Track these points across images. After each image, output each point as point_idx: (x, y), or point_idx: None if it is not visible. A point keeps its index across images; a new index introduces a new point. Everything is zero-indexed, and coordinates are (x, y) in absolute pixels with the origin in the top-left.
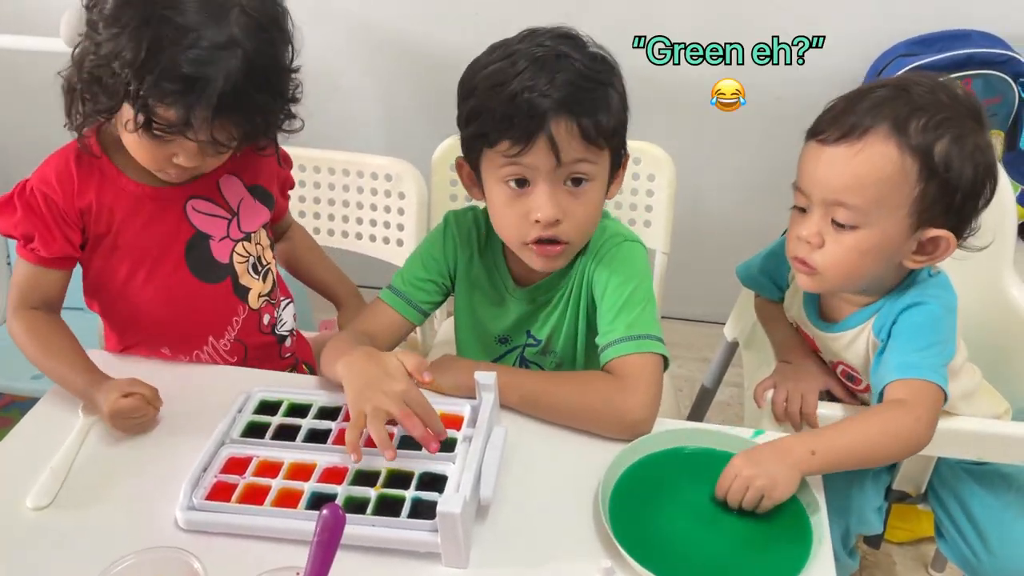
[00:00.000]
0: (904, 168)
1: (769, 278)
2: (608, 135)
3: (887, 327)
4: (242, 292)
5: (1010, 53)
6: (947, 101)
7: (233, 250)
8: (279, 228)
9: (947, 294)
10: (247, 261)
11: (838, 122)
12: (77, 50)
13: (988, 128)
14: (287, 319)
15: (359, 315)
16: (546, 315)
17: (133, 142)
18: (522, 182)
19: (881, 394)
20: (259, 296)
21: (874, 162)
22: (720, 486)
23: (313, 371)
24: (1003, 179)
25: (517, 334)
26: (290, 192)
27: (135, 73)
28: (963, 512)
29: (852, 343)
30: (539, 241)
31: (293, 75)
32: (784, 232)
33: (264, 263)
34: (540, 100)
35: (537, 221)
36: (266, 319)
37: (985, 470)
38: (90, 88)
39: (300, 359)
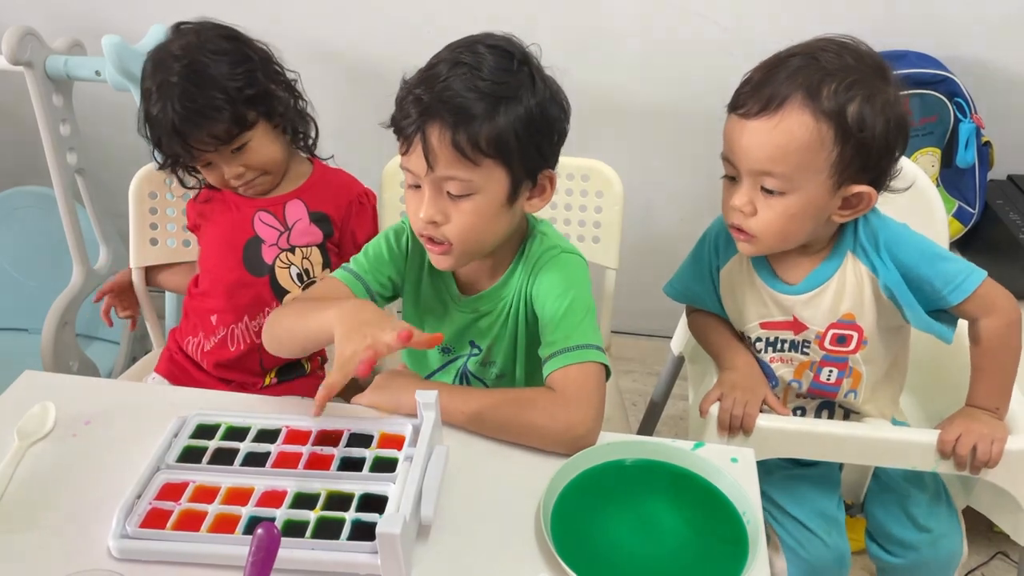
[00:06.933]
0: (820, 134)
1: (702, 283)
2: (489, 150)
3: (878, 251)
4: (279, 292)
5: (945, 73)
6: (853, 62)
7: (277, 256)
8: None
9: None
10: (288, 268)
11: (755, 95)
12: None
13: (894, 82)
14: None
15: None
16: (488, 325)
17: (203, 172)
18: (415, 185)
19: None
20: None
21: (792, 132)
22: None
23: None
24: (936, 196)
25: (460, 344)
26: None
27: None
28: (902, 510)
29: (841, 290)
30: (426, 237)
31: (246, 71)
32: (697, 243)
33: (311, 276)
34: (421, 103)
35: (420, 217)
36: None
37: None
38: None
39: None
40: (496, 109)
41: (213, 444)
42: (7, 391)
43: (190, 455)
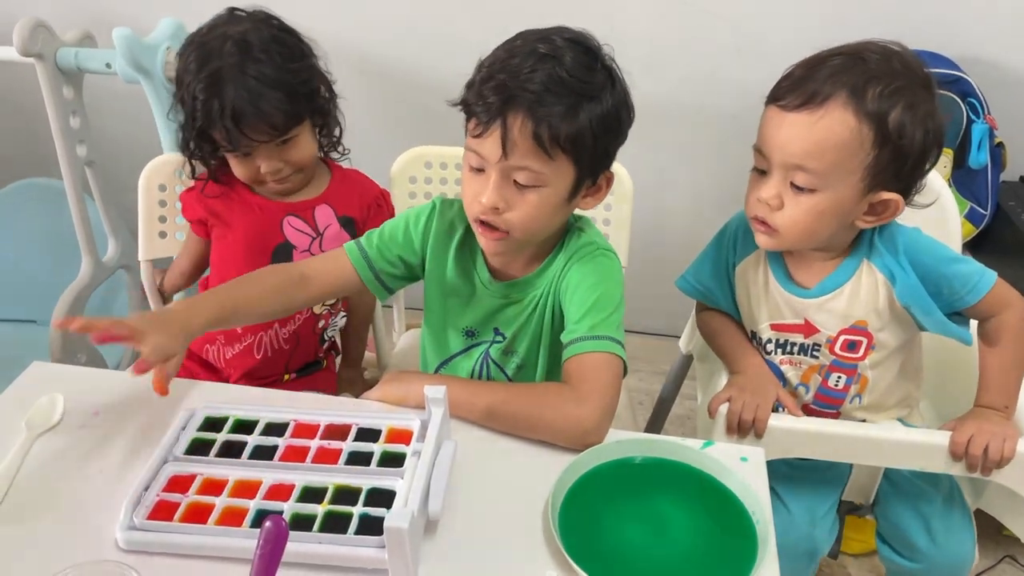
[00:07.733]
0: (860, 135)
1: (717, 278)
2: (566, 146)
3: (897, 256)
4: None
5: (958, 73)
6: (900, 69)
7: None
8: None
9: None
10: None
11: (798, 89)
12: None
13: (937, 94)
14: (335, 326)
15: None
16: (516, 313)
17: (233, 165)
18: (478, 169)
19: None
20: (323, 305)
21: (833, 128)
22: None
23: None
24: (949, 197)
25: (485, 329)
26: None
27: (194, 127)
28: (915, 511)
29: (855, 296)
30: (482, 222)
31: (300, 67)
32: (715, 236)
33: None
34: (504, 91)
35: (483, 203)
36: (321, 323)
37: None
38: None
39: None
40: (579, 106)
41: (221, 437)
42: (15, 382)
43: (198, 448)
